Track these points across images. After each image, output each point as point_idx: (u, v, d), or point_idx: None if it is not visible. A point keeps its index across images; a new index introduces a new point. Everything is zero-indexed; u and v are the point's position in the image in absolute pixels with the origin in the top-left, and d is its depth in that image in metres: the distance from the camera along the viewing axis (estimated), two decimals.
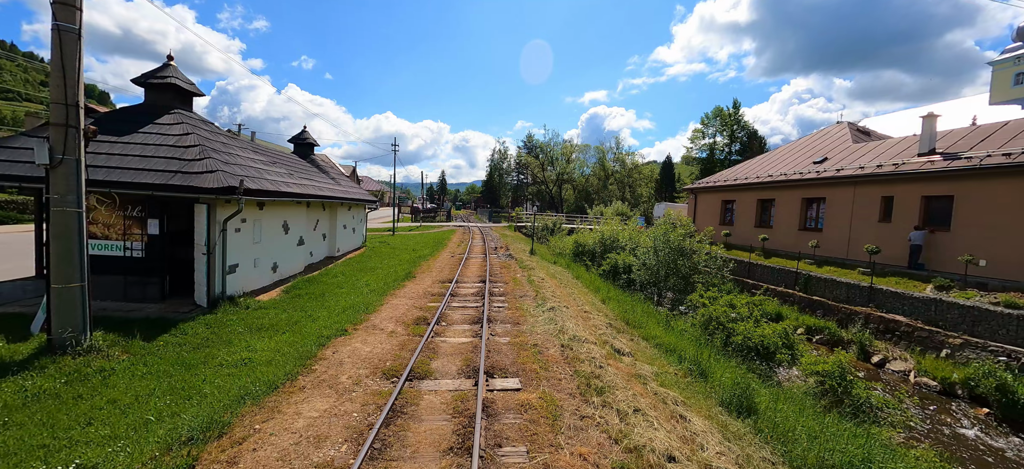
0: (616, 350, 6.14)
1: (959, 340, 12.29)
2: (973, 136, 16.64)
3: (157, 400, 4.82)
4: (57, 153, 5.55)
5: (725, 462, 3.42)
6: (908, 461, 4.83)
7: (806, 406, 5.84)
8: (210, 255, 8.16)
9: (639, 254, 14.00)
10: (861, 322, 14.73)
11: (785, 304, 17.67)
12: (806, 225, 20.92)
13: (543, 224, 30.23)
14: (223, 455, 3.42)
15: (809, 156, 22.95)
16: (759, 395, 5.41)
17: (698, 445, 3.65)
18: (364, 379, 4.83)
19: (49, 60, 5.73)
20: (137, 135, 8.77)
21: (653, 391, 4.77)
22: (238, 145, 10.79)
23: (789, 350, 7.80)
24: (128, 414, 4.53)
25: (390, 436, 3.66)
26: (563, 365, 5.22)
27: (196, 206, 8.13)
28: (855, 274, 16.44)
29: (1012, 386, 9.99)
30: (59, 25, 5.45)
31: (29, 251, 12.36)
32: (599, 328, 7.21)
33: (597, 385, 4.59)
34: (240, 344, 6.58)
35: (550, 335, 6.44)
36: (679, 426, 4.00)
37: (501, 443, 3.55)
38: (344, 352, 5.70)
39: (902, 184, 16.92)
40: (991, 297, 12.76)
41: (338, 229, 16.00)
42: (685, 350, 7.03)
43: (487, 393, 4.50)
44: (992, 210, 14.13)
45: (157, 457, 3.50)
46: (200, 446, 3.57)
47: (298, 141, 17.73)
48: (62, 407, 4.66)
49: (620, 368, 5.38)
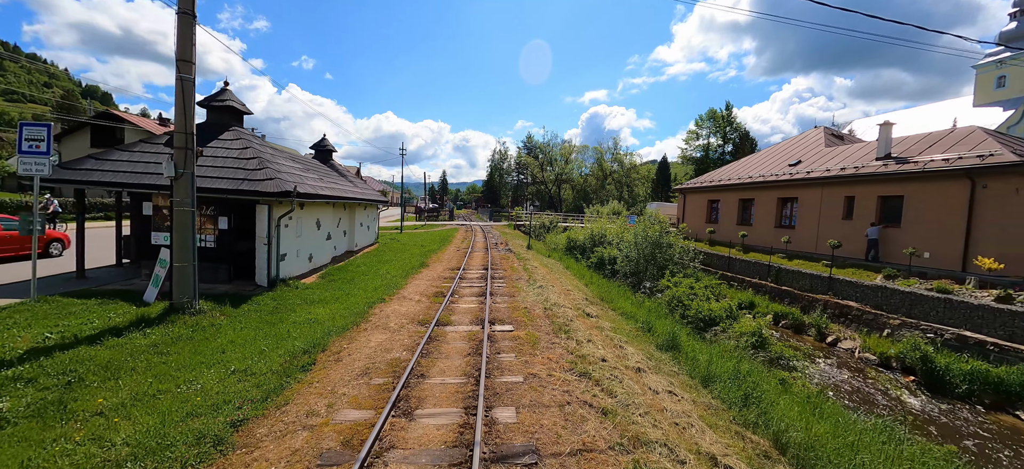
0: (586, 313, 8.35)
1: (898, 321, 14.49)
2: (923, 143, 18.82)
3: (260, 341, 7.04)
4: (180, 168, 7.78)
5: (636, 361, 5.64)
6: (765, 376, 6.98)
7: (726, 352, 8.05)
8: (269, 245, 10.42)
9: (622, 248, 16.20)
10: (821, 308, 16.91)
11: (758, 294, 19.83)
12: (781, 223, 23.10)
13: (540, 222, 32.50)
14: (329, 359, 5.65)
15: (785, 159, 25.14)
16: (685, 342, 7.61)
17: (625, 356, 5.85)
18: (406, 325, 7.06)
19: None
20: (207, 149, 11.02)
21: (606, 334, 6.97)
22: (281, 156, 13.05)
23: (731, 320, 9.98)
24: (245, 348, 6.75)
25: (431, 348, 5.89)
26: (544, 319, 7.43)
27: (258, 206, 10.39)
28: (820, 266, 18.60)
29: (933, 357, 12.18)
30: (182, 77, 7.68)
31: (100, 243, 14.63)
32: (577, 300, 9.43)
33: (566, 329, 6.79)
34: (302, 311, 8.82)
35: (537, 303, 8.65)
36: (616, 350, 6.21)
37: (500, 352, 5.78)
38: (387, 311, 7.94)
39: (861, 185, 19.13)
40: (927, 284, 14.95)
41: (356, 226, 18.25)
42: (643, 317, 9.25)
43: (490, 330, 6.72)
44: (934, 208, 16.35)
45: (286, 361, 5.74)
46: (312, 356, 5.81)
47: (319, 148, 20.02)
48: (197, 344, 6.88)
49: (586, 323, 7.60)
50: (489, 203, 75.76)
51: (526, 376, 4.99)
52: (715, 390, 5.58)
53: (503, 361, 5.49)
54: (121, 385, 5.33)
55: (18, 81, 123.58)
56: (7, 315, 7.23)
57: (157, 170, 10.20)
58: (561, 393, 4.51)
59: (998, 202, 14.91)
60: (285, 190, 10.04)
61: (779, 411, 5.17)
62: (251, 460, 3.50)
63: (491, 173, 78.94)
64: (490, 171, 79.12)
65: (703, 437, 3.99)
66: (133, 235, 12.09)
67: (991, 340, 12.31)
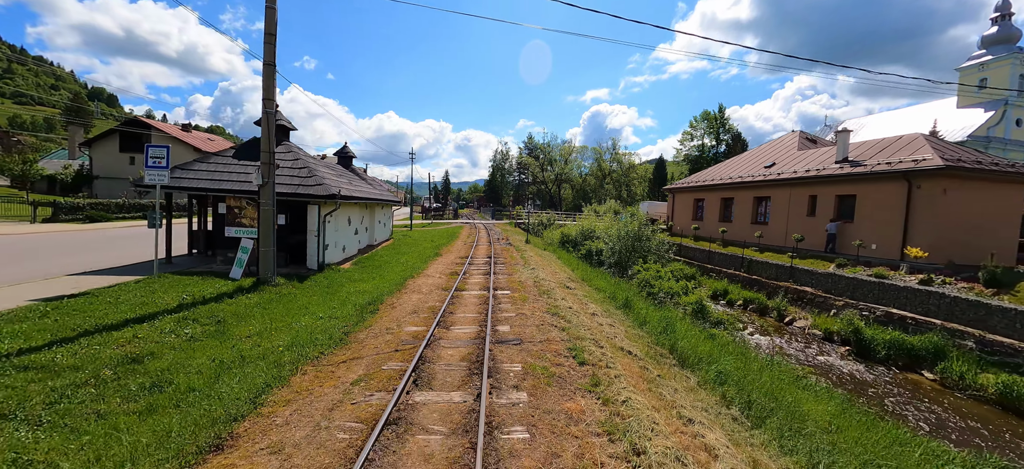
0: (566, 286, 11.26)
1: (842, 302, 17.31)
2: (875, 148, 21.64)
3: (330, 302, 9.98)
4: (265, 179, 10.75)
5: (593, 310, 8.54)
6: (692, 329, 9.86)
7: (669, 314, 10.93)
8: (318, 237, 13.39)
9: (607, 241, 19.11)
10: (783, 293, 19.76)
11: (733, 283, 22.66)
12: (756, 220, 25.92)
13: (538, 220, 35.49)
14: (386, 308, 8.60)
15: (762, 161, 27.95)
16: (637, 305, 10.50)
17: (586, 307, 8.75)
18: (434, 290, 10.02)
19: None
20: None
21: (577, 297, 9.87)
22: (320, 164, 16.04)
23: (684, 294, 12.85)
24: (321, 305, 9.68)
25: (454, 302, 8.84)
26: (533, 288, 10.34)
27: (309, 206, 13.36)
28: (785, 258, 21.41)
29: (863, 330, 14.99)
30: (267, 113, 10.63)
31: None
32: (561, 278, 12.35)
33: (548, 293, 9.71)
34: (350, 285, 11.77)
35: (529, 279, 11.57)
36: (581, 305, 9.12)
37: (500, 303, 8.75)
38: (417, 283, 10.90)
39: (822, 186, 21.95)
40: (869, 271, 17.74)
41: (375, 223, 21.23)
42: (611, 291, 12.17)
43: (494, 293, 9.65)
44: (880, 206, 19.17)
45: (358, 310, 8.68)
46: (375, 307, 8.76)
47: (341, 154, 23.02)
48: (286, 304, 9.81)
49: (564, 291, 10.52)
50: (491, 202, 78.80)
51: (517, 314, 7.90)
52: (646, 329, 8.44)
53: (502, 307, 8.40)
54: (252, 324, 8.28)
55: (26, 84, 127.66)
56: (146, 285, 10.21)
57: (230, 177, 13.17)
58: (538, 321, 7.41)
59: (929, 200, 17.73)
60: (331, 193, 12.99)
61: (686, 343, 8.04)
62: (363, 345, 6.44)
63: (493, 173, 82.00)
64: (492, 171, 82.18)
65: (622, 341, 6.85)
66: (201, 230, 15.12)
67: (911, 315, 15.15)
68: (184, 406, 4.91)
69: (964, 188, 17.58)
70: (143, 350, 6.55)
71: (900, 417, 9.55)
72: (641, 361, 6.07)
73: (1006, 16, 46.73)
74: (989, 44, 47.02)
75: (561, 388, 4.86)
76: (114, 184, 37.06)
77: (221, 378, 5.65)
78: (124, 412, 4.86)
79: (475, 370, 5.34)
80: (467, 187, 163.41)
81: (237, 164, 13.65)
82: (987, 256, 15.28)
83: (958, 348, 13.09)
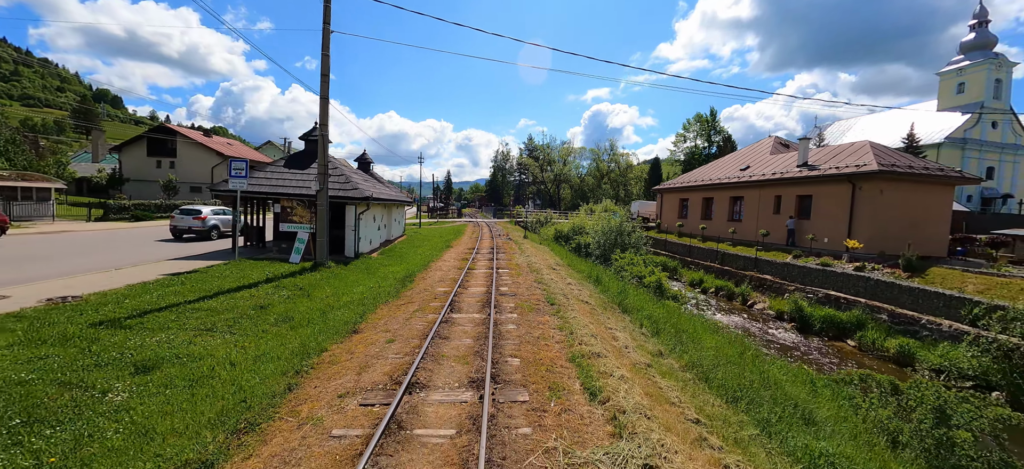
0: (553, 268, 14.79)
1: (793, 287, 20.75)
2: (830, 153, 25.08)
3: (372, 278, 13.49)
4: (321, 186, 14.27)
5: (569, 281, 12.05)
6: (647, 297, 13.39)
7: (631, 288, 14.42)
8: (354, 231, 16.92)
9: (593, 236, 22.63)
10: (748, 281, 23.21)
11: (708, 273, 26.12)
12: (732, 217, 29.36)
13: (535, 218, 39.11)
14: (418, 280, 12.17)
15: (739, 164, 31.39)
16: (606, 280, 14.01)
17: (564, 279, 12.26)
18: (451, 269, 13.56)
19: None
20: (310, 170, 17.54)
21: (560, 275, 13.39)
22: (352, 171, 19.58)
23: (649, 276, 16.30)
24: (367, 281, 13.20)
25: (468, 276, 12.40)
26: (526, 269, 13.86)
27: (347, 206, 16.88)
28: (752, 251, 24.85)
29: (805, 309, 18.41)
30: (322, 135, 14.14)
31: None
32: (549, 263, 15.87)
33: (536, 271, 13.23)
34: (383, 269, 15.29)
35: (524, 263, 15.09)
36: (561, 280, 12.66)
37: (501, 277, 12.33)
38: (437, 265, 14.46)
39: (786, 186, 25.39)
40: (817, 260, 21.15)
41: (392, 221, 24.78)
42: (588, 271, 15.67)
43: (496, 271, 13.20)
44: (830, 204, 22.57)
45: (397, 282, 12.24)
46: (411, 279, 12.32)
47: (361, 160, 26.58)
48: (341, 279, 13.33)
49: (550, 272, 14.05)
50: (492, 202, 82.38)
51: (513, 282, 11.42)
52: (606, 295, 11.90)
53: (502, 279, 11.93)
54: (324, 290, 11.79)
55: (33, 86, 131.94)
56: (234, 265, 13.75)
57: (284, 183, 16.71)
58: (527, 285, 10.93)
59: (869, 199, 21.16)
60: (365, 196, 16.53)
61: (632, 302, 11.50)
62: (411, 297, 9.98)
63: (494, 173, 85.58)
64: (493, 171, 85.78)
65: (584, 297, 10.34)
66: (256, 225, 18.67)
67: (844, 296, 18.60)
68: (311, 326, 8.42)
69: (899, 189, 21.03)
70: (264, 302, 10.08)
71: (813, 365, 12.93)
72: (592, 306, 9.55)
73: (983, 23, 50.01)
74: (967, 50, 50.30)
75: (537, 313, 8.36)
76: (142, 186, 40.74)
77: (326, 315, 9.18)
78: (277, 330, 8.37)
79: (486, 306, 8.86)
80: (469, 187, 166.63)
81: (288, 172, 17.20)
82: (918, 247, 18.70)
83: (875, 321, 16.59)
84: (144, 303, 9.17)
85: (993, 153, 49.03)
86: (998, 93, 48.61)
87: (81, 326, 7.46)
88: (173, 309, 8.87)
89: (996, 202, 49.54)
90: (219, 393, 5.29)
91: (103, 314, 8.20)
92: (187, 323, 8.10)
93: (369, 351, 6.37)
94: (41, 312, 8.09)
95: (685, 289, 22.36)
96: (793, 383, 8.31)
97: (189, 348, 6.90)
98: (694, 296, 19.42)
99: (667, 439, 3.85)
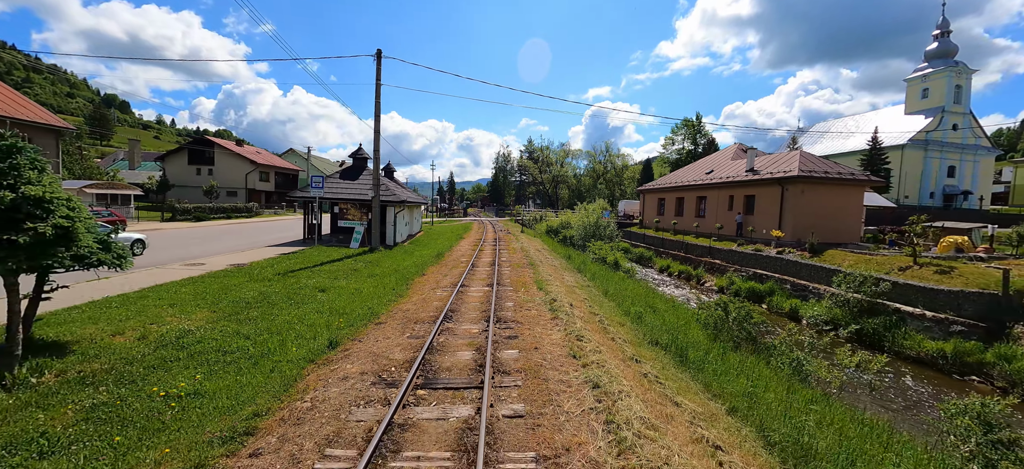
0: (539, 252, 21.51)
1: (734, 268, 27.35)
2: (771, 160, 31.62)
3: (413, 257, 20.25)
4: (374, 193, 21.02)
5: (552, 261, 18.74)
6: (624, 281, 20.04)
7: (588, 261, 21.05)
8: (393, 226, 23.69)
9: (576, 229, 29.36)
10: (703, 265, 29.79)
11: (674, 261, 32.72)
12: (698, 214, 35.93)
13: (532, 216, 45.94)
14: (446, 257, 19.00)
15: (706, 169, 37.96)
16: (575, 257, 20.72)
17: (547, 258, 18.96)
18: (467, 252, 20.37)
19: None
20: (359, 180, 24.31)
21: (545, 256, 20.07)
22: (388, 180, 26.34)
23: (611, 257, 22.97)
24: (410, 258, 19.96)
25: (479, 255, 19.19)
26: (520, 251, 20.58)
27: (388, 207, 23.64)
28: (710, 241, 31.41)
29: (737, 283, 25.04)
30: (376, 158, 20.88)
31: (286, 231, 28.12)
32: (538, 248, 22.58)
33: (527, 253, 19.94)
34: (417, 252, 22.04)
35: (517, 247, 21.82)
36: (542, 256, 19.34)
37: (501, 254, 19.02)
38: (456, 248, 21.31)
39: (737, 188, 31.92)
40: (753, 247, 27.70)
41: (414, 219, 31.56)
42: (563, 254, 22.35)
43: (499, 252, 19.92)
44: (766, 203, 29.09)
45: (434, 256, 19.06)
46: (441, 257, 19.14)
47: (386, 170, 33.40)
48: (391, 258, 20.07)
49: (536, 253, 20.77)
50: (494, 202, 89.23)
51: (510, 258, 18.14)
52: (573, 265, 18.47)
53: (502, 255, 18.69)
54: (384, 264, 18.53)
55: (45, 93, 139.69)
56: (317, 249, 20.47)
57: (342, 190, 23.44)
58: (518, 258, 17.66)
59: (793, 198, 27.67)
60: (400, 200, 23.28)
61: (590, 271, 18.08)
62: (443, 266, 16.73)
63: (496, 174, 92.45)
64: (495, 172, 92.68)
65: (553, 262, 16.96)
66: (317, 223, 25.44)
67: (766, 273, 25.16)
68: (395, 276, 15.13)
69: (817, 190, 27.57)
70: (351, 268, 16.81)
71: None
72: (556, 267, 16.25)
73: (945, 33, 56.24)
74: (931, 58, 56.52)
75: (522, 269, 15.11)
76: (184, 191, 47.72)
77: (398, 272, 15.88)
78: (372, 279, 15.09)
79: (492, 265, 15.62)
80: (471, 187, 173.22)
81: (343, 182, 24.00)
82: (833, 236, 25.20)
83: (781, 289, 23.16)
84: (285, 266, 15.96)
85: (954, 153, 55.24)
86: (958, 98, 54.80)
87: (270, 274, 14.23)
88: (306, 270, 15.66)
89: (957, 198, 55.80)
90: (363, 298, 11.96)
91: (271, 271, 14.98)
92: (321, 275, 14.88)
93: (437, 280, 13.18)
94: (235, 270, 14.87)
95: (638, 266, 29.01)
96: (671, 312, 14.93)
97: (334, 284, 13.63)
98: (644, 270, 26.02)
99: (567, 297, 10.52)
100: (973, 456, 6.31)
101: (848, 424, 7.08)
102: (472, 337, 7.94)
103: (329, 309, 10.17)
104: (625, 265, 22.57)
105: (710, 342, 10.49)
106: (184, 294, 10.69)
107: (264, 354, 7.12)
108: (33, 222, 5.51)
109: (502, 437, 4.61)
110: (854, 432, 6.78)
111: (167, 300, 10.01)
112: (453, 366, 6.60)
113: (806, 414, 6.98)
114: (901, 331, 16.70)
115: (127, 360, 6.55)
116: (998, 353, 13.56)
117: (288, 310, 10.03)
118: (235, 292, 11.33)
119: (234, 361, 6.82)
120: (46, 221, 5.61)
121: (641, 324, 10.49)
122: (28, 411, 5.01)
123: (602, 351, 6.84)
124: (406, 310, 10.18)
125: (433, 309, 10.01)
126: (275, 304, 10.51)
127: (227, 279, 13.08)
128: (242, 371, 6.46)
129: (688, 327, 11.51)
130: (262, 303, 10.49)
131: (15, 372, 5.81)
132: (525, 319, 9.00)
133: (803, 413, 7.01)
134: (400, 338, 7.88)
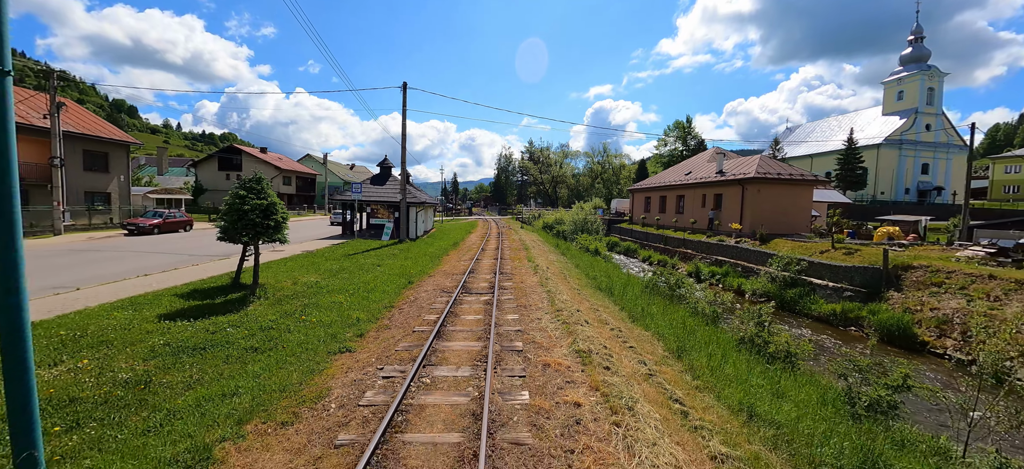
0: (534, 243, 27.58)
1: (701, 256, 33.39)
2: (737, 163, 37.57)
3: (434, 246, 26.38)
4: (402, 195, 27.17)
5: (544, 250, 24.82)
6: (595, 261, 26.03)
7: (573, 249, 27.02)
8: (414, 223, 29.86)
9: (567, 225, 35.47)
10: (677, 255, 35.81)
11: (655, 252, 38.75)
12: (678, 211, 41.89)
13: (531, 214, 52.12)
14: (461, 246, 25.14)
15: (685, 170, 43.88)
16: (562, 246, 26.73)
17: (540, 246, 25.04)
18: (475, 243, 26.54)
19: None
20: (387, 185, 30.50)
21: (538, 245, 26.12)
22: (411, 185, 32.53)
23: (593, 245, 28.97)
24: (431, 247, 26.08)
25: (486, 244, 25.36)
26: (519, 243, 26.68)
27: (410, 207, 29.81)
28: (685, 234, 37.39)
29: (702, 268, 31.10)
30: (403, 170, 27.03)
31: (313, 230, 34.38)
32: (534, 239, 28.67)
33: (524, 242, 26.01)
34: (436, 243, 28.17)
35: (518, 241, 27.90)
36: (541, 253, 25.43)
37: (503, 245, 25.17)
38: (467, 240, 27.48)
39: (709, 188, 37.90)
40: (718, 238, 33.67)
41: (428, 217, 37.72)
42: (553, 243, 28.39)
43: (501, 243, 26.02)
44: (731, 200, 35.05)
45: (450, 245, 25.24)
46: (457, 244, 25.31)
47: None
48: (418, 247, 26.22)
49: (534, 244, 26.85)
50: (497, 202, 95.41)
51: (511, 248, 24.23)
52: (560, 252, 24.37)
53: (504, 246, 24.82)
54: (413, 252, 24.66)
55: None
56: (356, 242, 26.63)
57: (374, 194, 29.59)
58: (517, 247, 23.76)
59: (753, 197, 33.63)
60: (421, 202, 29.43)
61: (573, 254, 24.04)
62: (460, 251, 22.88)
63: (498, 174, 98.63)
64: (497, 173, 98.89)
65: (543, 248, 22.95)
66: (350, 221, 31.69)
67: (725, 258, 31.20)
68: (426, 258, 21.25)
69: (771, 189, 33.51)
70: (390, 253, 22.98)
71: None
72: (545, 251, 22.22)
73: (919, 39, 61.86)
74: (906, 62, 62.17)
75: (519, 251, 21.13)
76: (215, 196, 54.08)
77: (427, 255, 21.98)
78: (407, 260, 21.24)
79: (497, 251, 21.68)
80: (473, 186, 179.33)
81: (374, 187, 30.18)
82: (785, 229, 31.13)
83: (734, 270, 29.13)
84: (342, 252, 22.14)
85: (928, 152, 60.86)
86: (931, 100, 60.42)
87: (339, 255, 20.42)
88: (359, 254, 21.84)
89: (931, 194, 61.43)
90: (413, 266, 18.04)
91: (338, 253, 21.15)
92: (372, 257, 21.05)
93: (458, 257, 19.37)
94: (310, 254, 21.05)
95: (625, 257, 35.12)
96: (622, 279, 20.97)
97: (385, 262, 19.74)
98: (629, 260, 32.10)
99: (547, 266, 16.58)
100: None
101: (716, 334, 13.11)
102: (487, 279, 14.20)
103: (395, 272, 16.34)
104: (604, 252, 28.60)
105: (639, 294, 16.54)
106: (296, 265, 16.86)
107: (371, 289, 13.25)
108: (270, 218, 11.67)
109: (503, 305, 10.76)
110: (722, 338, 12.80)
111: (291, 267, 16.19)
112: (477, 287, 12.82)
113: (684, 325, 12.94)
114: (810, 298, 22.71)
115: (294, 295, 12.70)
116: (870, 309, 19.54)
117: (365, 274, 16.18)
118: (324, 265, 17.50)
119: (355, 293, 12.92)
120: (276, 215, 11.78)
121: (594, 281, 16.57)
122: (258, 311, 11.15)
123: (559, 285, 12.95)
124: (444, 270, 16.45)
125: (461, 269, 16.24)
126: (353, 272, 16.66)
127: (310, 259, 19.28)
128: (366, 296, 12.57)
129: (629, 286, 17.56)
130: (344, 272, 16.64)
131: (256, 295, 11.99)
132: (517, 271, 15.21)
133: (681, 324, 12.98)
134: (445, 281, 14.09)
